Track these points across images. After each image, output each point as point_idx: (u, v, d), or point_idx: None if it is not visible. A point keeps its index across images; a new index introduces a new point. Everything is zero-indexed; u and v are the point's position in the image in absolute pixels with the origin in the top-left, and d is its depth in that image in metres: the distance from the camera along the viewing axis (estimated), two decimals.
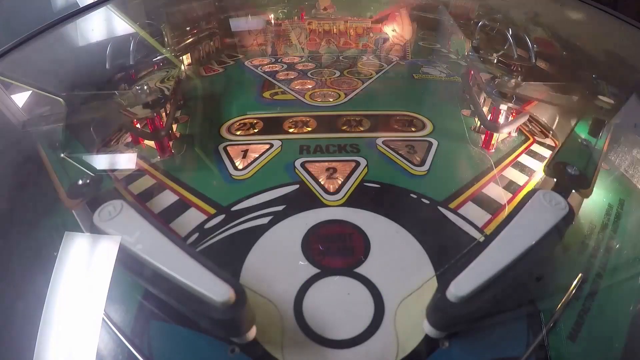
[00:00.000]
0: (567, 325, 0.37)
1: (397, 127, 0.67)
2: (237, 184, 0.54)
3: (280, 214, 0.48)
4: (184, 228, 0.47)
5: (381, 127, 0.67)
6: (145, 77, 0.81)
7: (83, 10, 0.81)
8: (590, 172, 0.48)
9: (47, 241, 0.43)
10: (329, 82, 0.84)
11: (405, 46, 1.10)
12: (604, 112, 0.59)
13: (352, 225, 0.46)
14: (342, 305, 0.38)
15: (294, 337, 0.36)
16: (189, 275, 0.34)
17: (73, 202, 0.45)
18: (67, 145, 0.53)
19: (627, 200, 0.50)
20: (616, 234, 0.46)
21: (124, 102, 0.63)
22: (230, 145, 0.62)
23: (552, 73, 0.76)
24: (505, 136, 0.65)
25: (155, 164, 0.59)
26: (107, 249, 0.38)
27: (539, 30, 0.87)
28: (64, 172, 0.49)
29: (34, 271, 0.40)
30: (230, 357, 0.35)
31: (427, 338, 0.36)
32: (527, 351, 0.35)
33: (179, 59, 0.92)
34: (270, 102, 0.77)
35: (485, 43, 0.89)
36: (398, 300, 0.38)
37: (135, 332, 0.37)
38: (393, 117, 0.70)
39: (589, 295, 0.39)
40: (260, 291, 0.39)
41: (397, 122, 0.68)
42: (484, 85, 0.68)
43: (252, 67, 0.96)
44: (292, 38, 1.13)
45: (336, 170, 0.55)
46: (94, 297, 0.36)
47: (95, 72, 0.74)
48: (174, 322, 0.37)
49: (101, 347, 0.35)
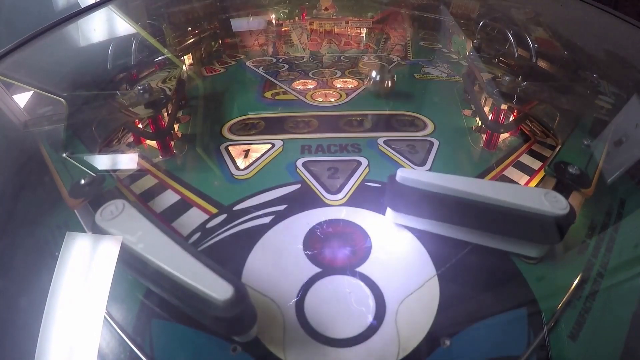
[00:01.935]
0: (568, 324, 0.37)
1: (398, 126, 0.67)
2: (238, 183, 0.54)
3: (281, 213, 0.48)
4: (186, 227, 0.47)
5: (382, 126, 0.67)
6: (147, 77, 0.81)
7: (85, 11, 0.81)
8: (591, 171, 0.48)
9: (50, 240, 0.43)
10: (330, 82, 0.85)
11: (406, 46, 1.10)
12: (604, 112, 0.59)
13: (354, 224, 0.46)
14: (343, 304, 0.38)
15: (295, 336, 0.36)
16: (191, 274, 0.34)
17: (75, 201, 0.45)
18: (69, 145, 0.53)
19: (627, 200, 0.50)
20: (617, 234, 0.46)
21: (126, 102, 0.63)
22: (231, 145, 0.62)
23: (553, 73, 0.76)
24: (506, 136, 0.65)
25: (157, 164, 0.59)
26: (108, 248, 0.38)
27: (539, 29, 0.87)
28: (66, 172, 0.49)
29: (36, 270, 0.40)
30: (232, 355, 0.35)
31: (429, 337, 0.36)
32: (528, 350, 0.35)
33: (181, 59, 0.92)
34: (272, 102, 0.77)
35: (486, 43, 0.89)
36: (399, 299, 0.38)
37: (137, 331, 0.37)
38: (394, 117, 0.70)
39: (589, 294, 0.39)
40: (262, 290, 0.39)
41: (399, 122, 0.68)
42: (485, 85, 0.68)
43: (254, 67, 0.96)
44: (294, 38, 1.13)
45: (337, 170, 0.55)
46: (96, 295, 0.36)
47: (97, 73, 0.74)
48: (175, 321, 0.37)
49: (103, 345, 0.36)
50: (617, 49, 0.76)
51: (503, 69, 0.83)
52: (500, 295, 0.40)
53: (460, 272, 0.41)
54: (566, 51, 0.78)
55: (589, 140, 0.54)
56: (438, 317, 0.37)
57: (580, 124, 0.58)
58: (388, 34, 1.15)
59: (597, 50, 0.80)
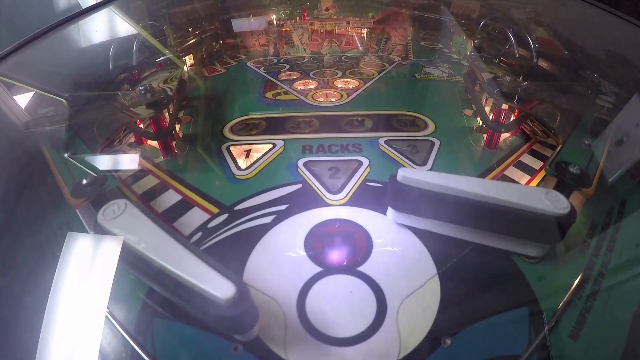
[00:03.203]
0: (569, 324, 0.37)
1: (399, 126, 0.67)
2: (240, 183, 0.54)
3: (283, 213, 0.48)
4: (188, 227, 0.47)
5: (383, 126, 0.67)
6: (148, 78, 0.81)
7: (86, 12, 0.81)
8: (592, 171, 0.48)
9: (52, 240, 0.43)
10: (331, 82, 0.85)
11: (407, 46, 1.10)
12: (605, 112, 0.59)
13: (355, 224, 0.46)
14: (344, 303, 0.38)
15: (296, 335, 0.36)
16: (192, 273, 0.34)
17: (77, 201, 0.45)
18: (70, 146, 0.53)
19: (628, 199, 0.50)
20: (618, 233, 0.46)
21: (127, 103, 0.63)
22: (233, 145, 0.62)
23: (554, 72, 0.76)
24: (507, 136, 0.65)
25: (158, 164, 0.59)
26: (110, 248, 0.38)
27: (540, 29, 0.87)
28: (68, 172, 0.49)
29: (38, 269, 0.40)
30: (234, 354, 0.35)
31: (430, 336, 0.36)
32: (529, 350, 0.35)
33: (182, 60, 0.92)
34: (273, 102, 0.78)
35: (487, 43, 0.89)
36: (400, 298, 0.38)
37: (138, 330, 0.37)
38: (395, 116, 0.70)
39: (590, 294, 0.39)
40: (264, 289, 0.39)
41: (399, 122, 0.68)
42: (486, 85, 0.68)
43: (255, 68, 0.96)
44: (294, 39, 1.13)
45: (338, 169, 0.55)
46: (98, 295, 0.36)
47: (98, 73, 0.75)
48: (177, 320, 0.37)
49: (105, 344, 0.36)
50: (617, 48, 0.76)
51: (504, 69, 0.83)
52: (501, 295, 0.40)
53: (461, 271, 0.41)
54: (567, 51, 0.78)
55: (590, 139, 0.54)
56: (439, 316, 0.37)
57: (581, 124, 0.58)
58: (389, 34, 1.15)
59: (598, 50, 0.80)
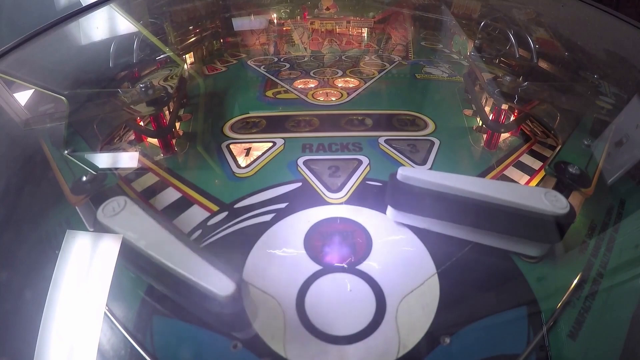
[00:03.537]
0: (568, 324, 0.37)
1: (399, 126, 0.67)
2: (240, 181, 0.54)
3: (282, 211, 0.48)
4: (187, 225, 0.47)
5: (383, 126, 0.67)
6: (149, 76, 0.81)
7: (86, 9, 0.81)
8: (591, 171, 0.48)
9: (52, 237, 0.43)
10: (332, 81, 0.85)
11: (407, 46, 1.10)
12: (605, 112, 0.59)
13: (354, 222, 0.46)
14: (343, 301, 0.38)
15: (295, 333, 0.36)
16: (192, 270, 0.34)
17: (77, 198, 0.45)
18: (70, 143, 0.53)
19: (628, 200, 0.50)
20: (617, 234, 0.46)
21: (128, 100, 0.63)
22: (233, 143, 0.62)
23: (554, 73, 0.76)
24: (506, 136, 0.65)
25: (158, 162, 0.59)
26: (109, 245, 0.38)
27: (540, 30, 0.87)
28: (68, 170, 0.49)
29: (38, 266, 0.40)
30: (233, 352, 0.35)
31: (429, 335, 0.36)
32: (528, 349, 0.35)
33: (182, 58, 0.92)
34: (273, 101, 0.78)
35: (487, 43, 0.89)
36: (399, 296, 0.38)
37: (138, 327, 0.37)
38: (395, 116, 0.70)
39: (589, 294, 0.39)
40: (263, 287, 0.39)
41: (400, 121, 0.68)
42: (486, 85, 0.68)
43: (255, 66, 0.96)
44: (295, 38, 1.13)
45: (338, 168, 0.55)
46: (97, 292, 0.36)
47: (99, 71, 0.75)
48: (176, 317, 0.37)
49: (104, 341, 0.36)
50: (618, 49, 0.76)
51: (504, 69, 0.83)
52: (500, 294, 0.40)
53: (460, 270, 0.41)
54: (567, 51, 0.78)
55: (590, 140, 0.54)
56: (438, 315, 0.37)
57: (580, 124, 0.58)
58: (389, 33, 1.15)
59: (598, 50, 0.80)
